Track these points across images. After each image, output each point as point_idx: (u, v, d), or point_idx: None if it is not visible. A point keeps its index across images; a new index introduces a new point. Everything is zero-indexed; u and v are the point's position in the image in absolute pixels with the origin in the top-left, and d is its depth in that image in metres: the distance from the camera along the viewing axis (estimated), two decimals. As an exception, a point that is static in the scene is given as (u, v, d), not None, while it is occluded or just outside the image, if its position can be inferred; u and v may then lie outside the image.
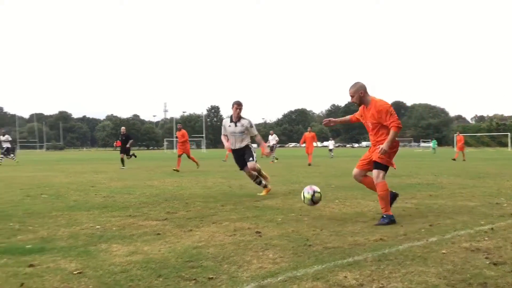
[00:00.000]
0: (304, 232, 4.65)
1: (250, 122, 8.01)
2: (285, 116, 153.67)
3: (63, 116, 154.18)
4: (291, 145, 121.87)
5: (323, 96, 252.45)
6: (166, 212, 6.05)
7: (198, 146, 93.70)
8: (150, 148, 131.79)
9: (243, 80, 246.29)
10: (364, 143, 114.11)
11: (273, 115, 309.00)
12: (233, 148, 8.09)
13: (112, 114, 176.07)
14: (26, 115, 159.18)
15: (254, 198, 7.61)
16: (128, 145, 19.22)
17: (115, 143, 20.33)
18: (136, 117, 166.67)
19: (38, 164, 25.28)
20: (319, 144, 37.75)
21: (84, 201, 7.35)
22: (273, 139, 25.94)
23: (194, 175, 13.85)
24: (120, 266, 3.40)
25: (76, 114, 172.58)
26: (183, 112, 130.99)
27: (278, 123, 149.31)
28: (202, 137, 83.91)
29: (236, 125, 7.95)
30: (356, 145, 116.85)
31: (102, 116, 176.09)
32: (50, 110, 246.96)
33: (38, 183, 11.08)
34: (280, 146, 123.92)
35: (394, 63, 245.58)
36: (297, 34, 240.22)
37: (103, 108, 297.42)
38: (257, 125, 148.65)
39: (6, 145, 24.76)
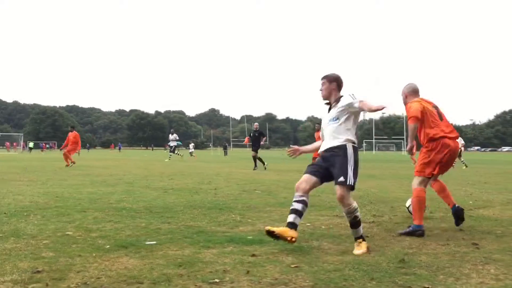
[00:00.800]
0: (531, 249, 4.15)
1: (349, 96, 4.24)
2: (497, 116, 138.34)
3: (269, 118, 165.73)
4: (504, 149, 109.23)
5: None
6: (372, 215, 6.04)
7: (398, 148, 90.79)
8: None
9: (443, 78, 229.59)
10: None
11: (483, 116, 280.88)
12: (321, 150, 4.48)
13: (312, 116, 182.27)
14: (238, 117, 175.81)
15: (466, 206, 7.06)
16: (262, 143, 18.20)
17: (245, 140, 19.69)
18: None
19: (249, 161, 27.63)
20: None
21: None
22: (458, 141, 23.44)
23: (397, 178, 13.48)
24: (333, 265, 3.53)
25: (280, 115, 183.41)
26: (383, 113, 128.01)
27: (489, 124, 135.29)
28: (402, 139, 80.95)
29: (329, 111, 4.44)
30: None
31: (303, 117, 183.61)
32: (258, 112, 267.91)
33: (250, 179, 12.14)
34: (491, 150, 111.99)
35: None
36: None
37: (304, 110, 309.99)
38: (464, 127, 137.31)
39: (173, 143, 27.99)
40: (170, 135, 28.79)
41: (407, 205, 5.86)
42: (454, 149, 5.08)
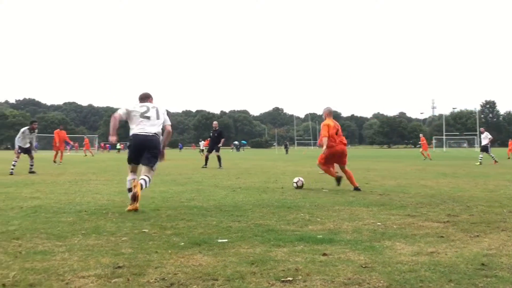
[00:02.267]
0: None
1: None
2: None
3: (334, 115, 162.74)
4: None
5: None
6: (446, 215, 5.82)
7: (471, 144, 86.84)
8: (418, 146, 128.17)
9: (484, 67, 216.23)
10: None
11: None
12: None
13: (378, 112, 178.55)
14: (302, 115, 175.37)
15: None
16: (220, 144, 17.22)
17: (204, 143, 18.33)
18: (402, 114, 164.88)
19: (313, 159, 27.45)
20: None
21: (362, 197, 7.67)
22: (485, 137, 21.79)
23: (472, 176, 12.88)
24: (407, 265, 3.44)
25: (345, 113, 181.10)
26: (453, 108, 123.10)
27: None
28: (475, 135, 77.04)
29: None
30: None
31: (369, 115, 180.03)
32: (322, 110, 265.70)
33: (317, 178, 12.07)
34: None
35: None
36: None
37: (370, 107, 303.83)
38: (507, 116, 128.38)
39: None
40: None
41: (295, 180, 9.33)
42: (338, 150, 9.10)
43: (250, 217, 5.61)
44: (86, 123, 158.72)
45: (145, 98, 6.67)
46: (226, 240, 4.31)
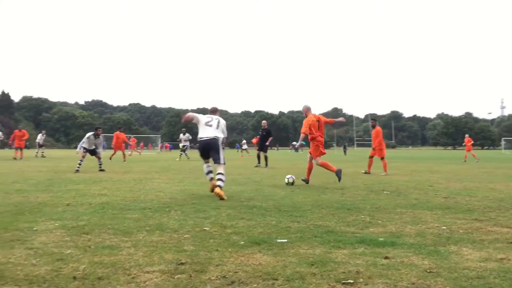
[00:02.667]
0: None
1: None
2: None
3: (395, 116, 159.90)
4: None
5: None
6: (517, 220, 5.52)
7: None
8: (485, 147, 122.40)
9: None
10: None
11: None
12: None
13: (442, 113, 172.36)
14: (362, 115, 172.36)
15: None
16: (267, 143, 17.74)
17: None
18: (468, 115, 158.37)
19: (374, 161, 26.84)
20: None
21: (425, 200, 7.42)
22: None
23: (545, 179, 12.11)
24: (474, 271, 3.30)
25: (407, 113, 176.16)
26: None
27: None
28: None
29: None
30: None
31: (432, 115, 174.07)
32: (383, 110, 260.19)
33: (377, 179, 11.80)
34: None
35: None
36: None
37: (433, 107, 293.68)
38: None
39: (185, 143, 27.09)
40: (181, 134, 27.42)
41: (289, 181, 10.04)
42: (320, 140, 10.13)
43: (309, 218, 5.58)
44: (149, 124, 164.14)
45: (213, 111, 8.64)
46: (286, 240, 4.32)
